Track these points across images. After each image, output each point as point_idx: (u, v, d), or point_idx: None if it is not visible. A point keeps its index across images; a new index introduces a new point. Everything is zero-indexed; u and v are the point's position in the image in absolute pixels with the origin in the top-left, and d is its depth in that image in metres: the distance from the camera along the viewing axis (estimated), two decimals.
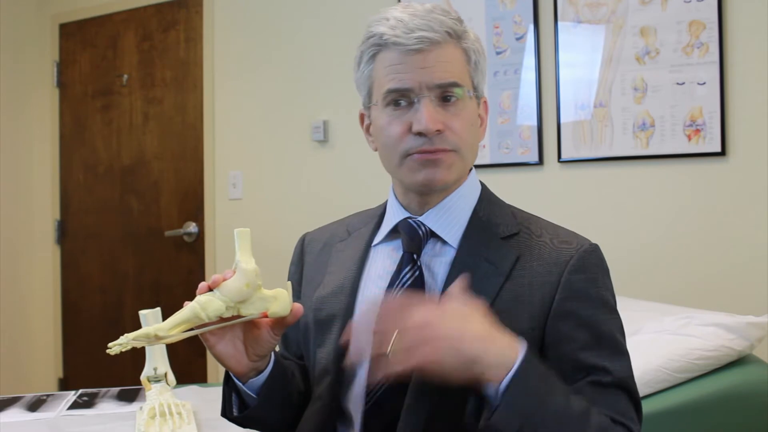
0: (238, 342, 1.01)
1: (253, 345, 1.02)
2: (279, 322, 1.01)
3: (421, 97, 1.03)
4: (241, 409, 1.09)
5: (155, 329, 0.94)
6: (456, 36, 1.06)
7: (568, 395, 0.92)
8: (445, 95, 1.04)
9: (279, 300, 0.99)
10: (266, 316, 0.99)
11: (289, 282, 1.04)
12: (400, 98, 1.05)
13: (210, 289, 0.97)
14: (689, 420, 1.70)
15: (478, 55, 1.09)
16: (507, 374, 0.86)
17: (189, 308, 0.96)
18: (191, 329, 0.97)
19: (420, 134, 1.03)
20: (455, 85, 1.04)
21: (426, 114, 1.02)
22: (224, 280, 0.97)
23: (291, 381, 1.13)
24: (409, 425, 1.00)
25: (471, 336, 0.87)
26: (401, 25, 1.03)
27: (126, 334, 0.93)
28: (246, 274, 0.96)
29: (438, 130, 1.03)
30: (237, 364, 1.02)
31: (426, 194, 1.10)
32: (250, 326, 1.01)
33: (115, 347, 0.93)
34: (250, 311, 0.98)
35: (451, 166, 1.06)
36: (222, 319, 0.97)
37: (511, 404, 0.86)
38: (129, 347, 0.93)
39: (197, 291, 0.97)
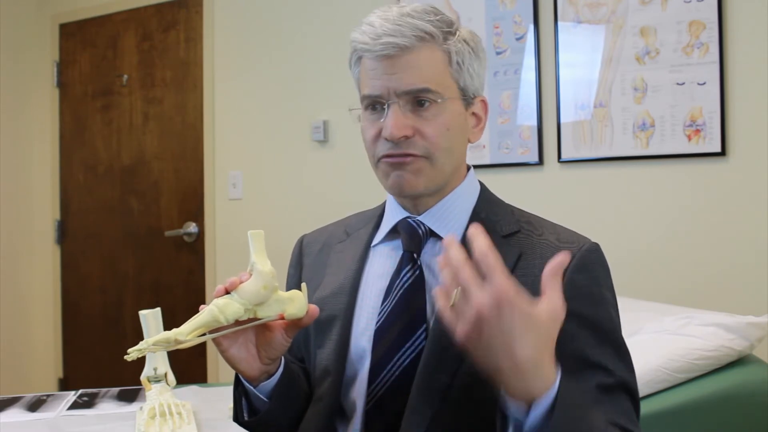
0: (251, 345, 1.01)
1: (265, 348, 1.01)
2: (293, 325, 1.00)
3: (391, 103, 1.03)
4: (251, 413, 1.08)
5: (175, 333, 0.92)
6: (433, 38, 1.03)
7: (591, 418, 0.87)
8: (418, 100, 1.04)
9: (295, 302, 0.99)
10: (283, 318, 0.98)
11: (304, 283, 1.03)
12: (374, 103, 1.06)
13: (227, 292, 0.96)
14: (689, 420, 1.70)
15: (461, 55, 1.06)
16: (534, 403, 0.80)
17: (207, 311, 0.94)
18: (207, 333, 0.96)
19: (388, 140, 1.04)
20: (426, 90, 1.03)
21: (391, 121, 1.02)
22: (241, 282, 0.96)
23: (299, 383, 1.13)
24: (413, 426, 0.99)
25: (513, 354, 0.78)
26: (370, 31, 1.03)
27: (146, 339, 0.92)
28: (263, 276, 0.95)
29: (405, 136, 1.03)
30: (249, 367, 1.02)
31: (411, 198, 1.09)
32: (262, 329, 1.00)
33: (134, 353, 0.90)
34: (267, 313, 0.97)
35: (419, 171, 1.05)
36: (238, 322, 0.96)
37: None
38: (148, 352, 0.91)
39: (214, 294, 0.97)
